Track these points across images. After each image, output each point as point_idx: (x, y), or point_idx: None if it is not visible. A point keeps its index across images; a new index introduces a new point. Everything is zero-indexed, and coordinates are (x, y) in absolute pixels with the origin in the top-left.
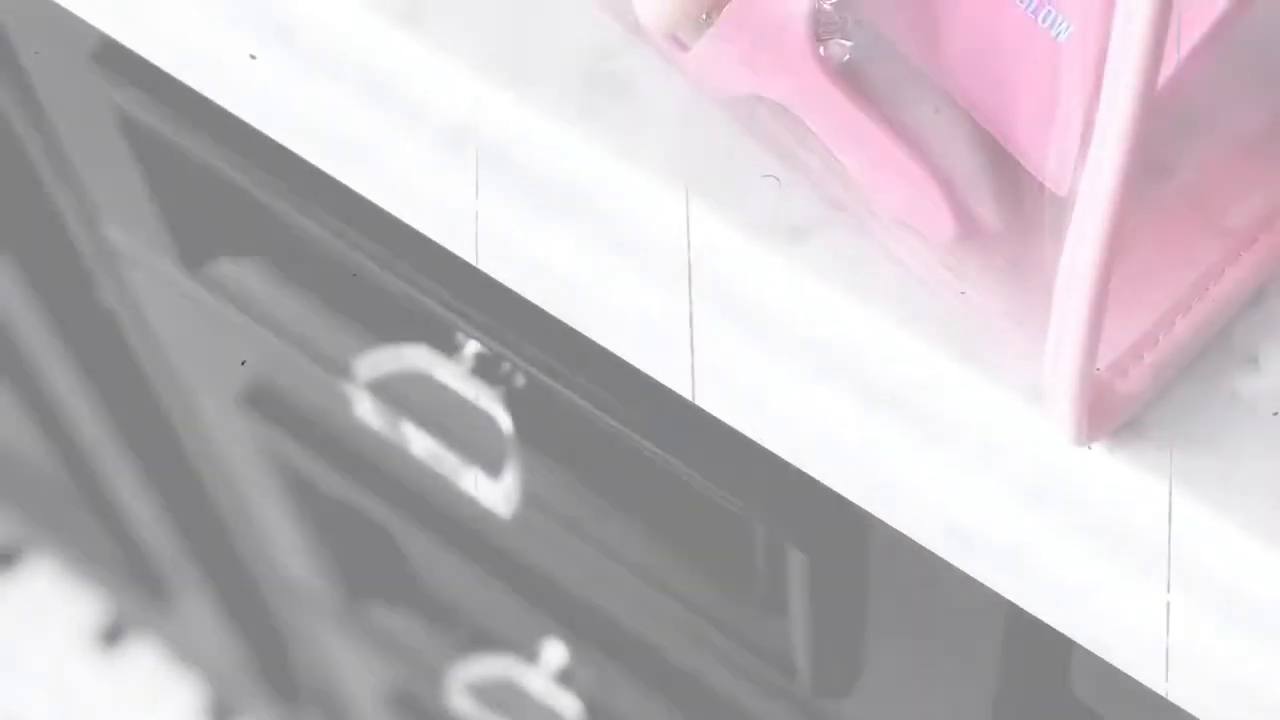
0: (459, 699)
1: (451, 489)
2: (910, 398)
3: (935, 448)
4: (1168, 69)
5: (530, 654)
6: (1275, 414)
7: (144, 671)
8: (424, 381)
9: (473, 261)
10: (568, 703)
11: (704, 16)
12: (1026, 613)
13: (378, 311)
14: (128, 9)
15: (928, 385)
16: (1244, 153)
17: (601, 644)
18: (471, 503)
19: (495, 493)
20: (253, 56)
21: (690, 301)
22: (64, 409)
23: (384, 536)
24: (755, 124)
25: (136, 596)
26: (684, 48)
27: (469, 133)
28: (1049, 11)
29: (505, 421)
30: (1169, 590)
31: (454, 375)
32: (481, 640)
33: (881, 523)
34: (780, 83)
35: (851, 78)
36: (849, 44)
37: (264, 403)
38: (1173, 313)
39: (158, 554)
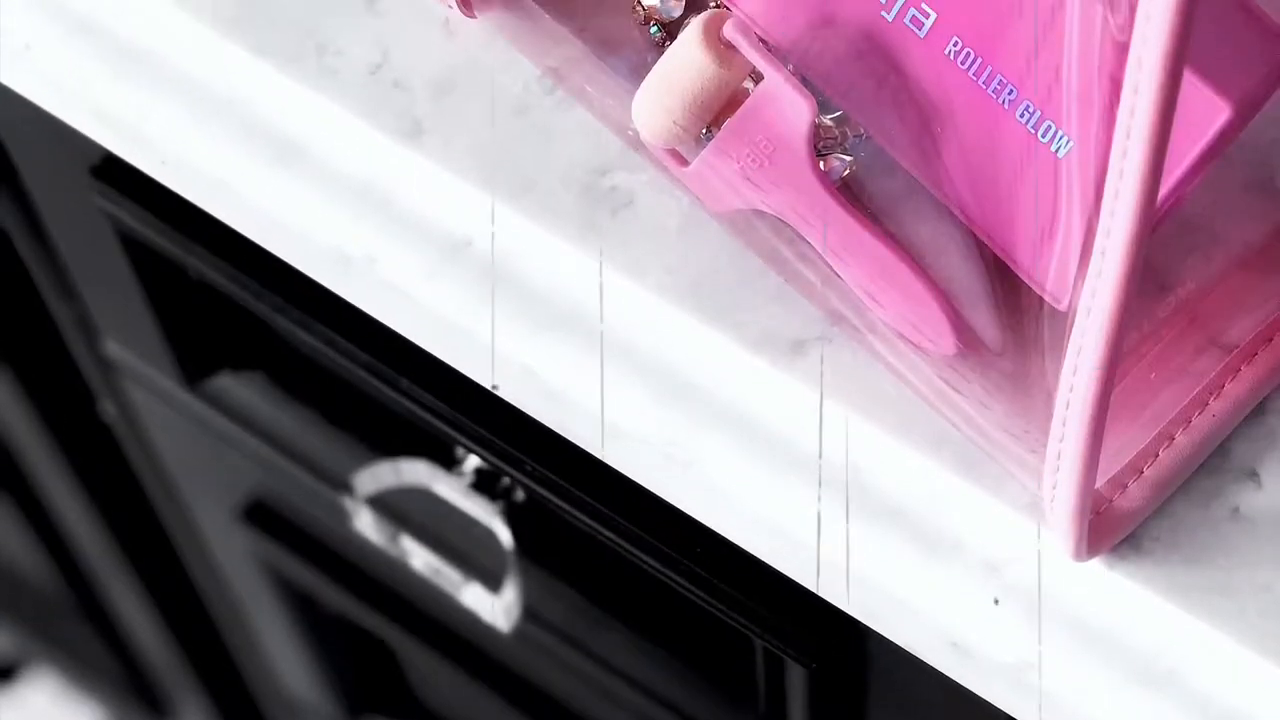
0: None
1: (451, 603)
2: (910, 512)
3: (935, 562)
4: (1167, 183)
5: None
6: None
7: None
8: (424, 496)
9: (474, 377)
10: None
11: (704, 131)
12: None
13: (377, 426)
14: (128, 125)
15: (927, 500)
16: (1244, 266)
17: None
18: (471, 617)
19: (495, 607)
20: (254, 170)
21: (689, 414)
22: (64, 523)
23: (383, 651)
24: (755, 238)
25: (136, 711)
26: (684, 162)
27: (469, 248)
28: (1049, 126)
29: (505, 536)
30: (1171, 705)
31: (454, 490)
32: None
33: (882, 637)
34: (780, 197)
35: (851, 192)
36: (849, 158)
37: (263, 517)
38: (1172, 427)
39: (157, 668)
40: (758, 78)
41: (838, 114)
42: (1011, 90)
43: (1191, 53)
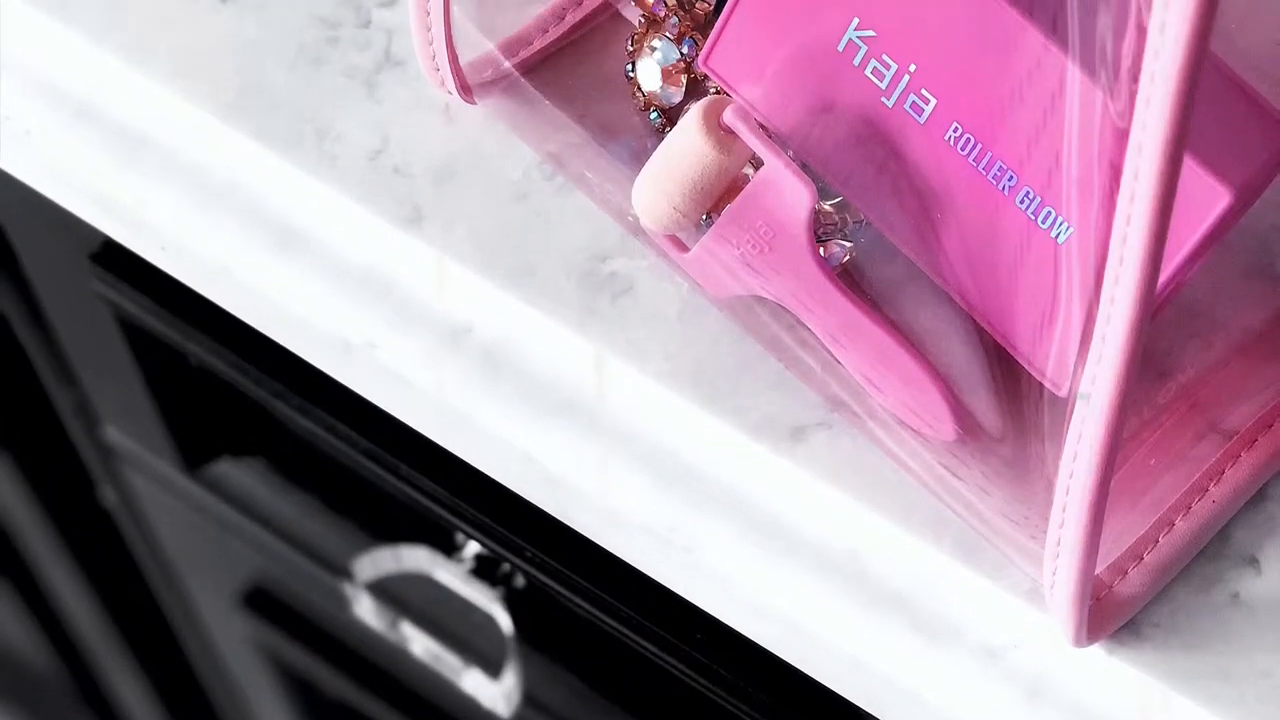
0: None
1: (451, 689)
2: (910, 598)
3: (936, 647)
4: (1167, 269)
5: None
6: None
7: None
8: (424, 582)
9: (474, 463)
10: None
11: (704, 217)
12: None
13: (377, 512)
14: (128, 211)
15: (927, 585)
16: (1244, 352)
17: None
18: (471, 703)
19: (495, 693)
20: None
21: (689, 500)
22: (64, 609)
23: None
24: (755, 324)
25: None
26: (684, 248)
27: (469, 334)
28: (1049, 212)
29: (505, 622)
30: None
31: (454, 576)
32: None
33: None
34: (780, 283)
35: (851, 278)
36: (849, 244)
37: (263, 603)
38: (1172, 513)
39: None
40: (758, 163)
41: (837, 200)
42: (1011, 176)
43: (1192, 138)
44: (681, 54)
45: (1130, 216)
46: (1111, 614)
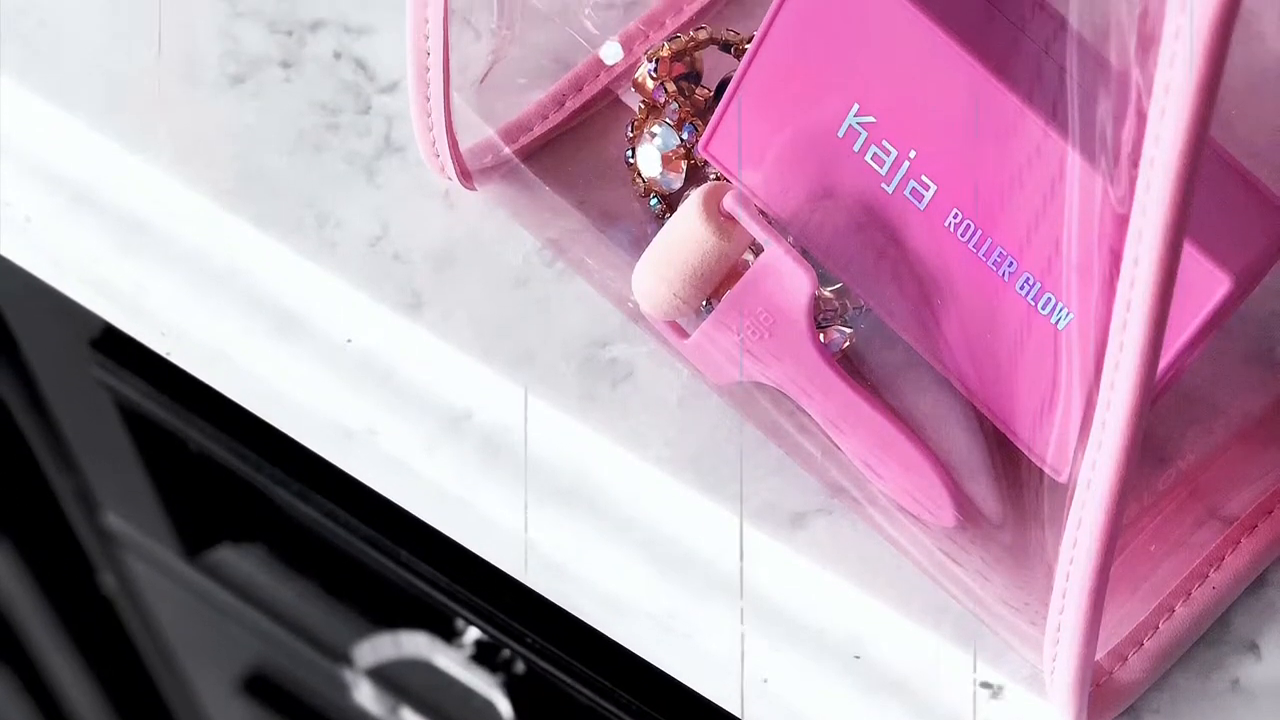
0: None
1: None
2: (910, 683)
3: None
4: (1167, 355)
5: None
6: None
7: None
8: (424, 668)
9: (474, 550)
10: None
11: (704, 303)
12: None
13: (377, 598)
14: (128, 297)
15: (927, 671)
16: (1244, 439)
17: None
18: None
19: None
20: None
21: (689, 587)
22: (64, 695)
23: None
24: (755, 410)
25: None
26: (684, 334)
27: (469, 420)
28: (1049, 298)
29: (505, 709)
30: None
31: (454, 662)
32: None
33: None
34: (780, 369)
35: (851, 364)
36: (849, 330)
37: (263, 688)
38: (1173, 599)
39: None
40: (758, 249)
41: (837, 286)
42: (1012, 262)
43: (1192, 224)
44: (681, 140)
45: (1130, 302)
46: (1112, 700)
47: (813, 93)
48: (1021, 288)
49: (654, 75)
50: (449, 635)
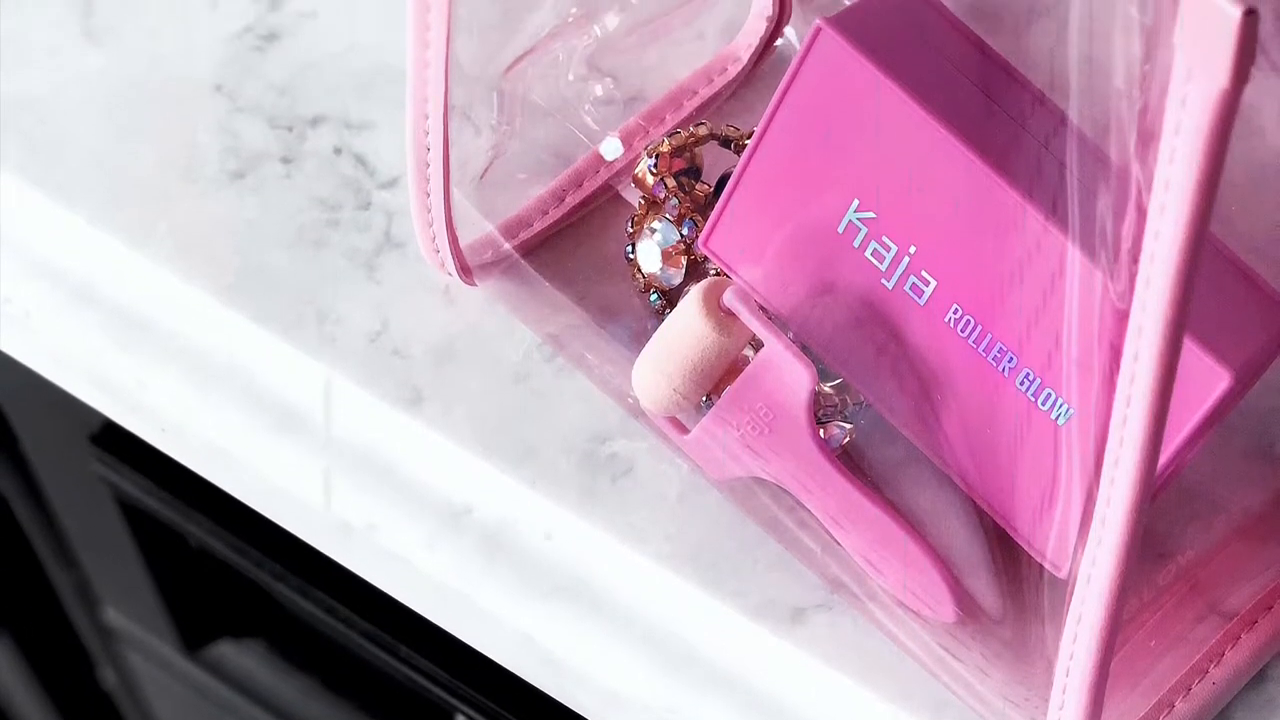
0: None
1: None
2: None
3: None
4: (1167, 450)
5: None
6: None
7: None
8: None
9: (474, 645)
10: None
11: (704, 399)
12: None
13: (377, 693)
14: (128, 392)
15: None
16: (1244, 534)
17: None
18: None
19: None
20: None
21: (689, 682)
22: None
23: None
24: (755, 505)
25: None
26: (684, 429)
27: (469, 515)
28: (1049, 394)
29: None
30: None
31: None
32: None
33: None
34: (780, 464)
35: (851, 459)
36: (849, 426)
37: None
38: (1173, 695)
39: None
40: (758, 345)
41: (837, 381)
42: (1011, 358)
43: (1192, 320)
44: (681, 235)
45: (1130, 398)
46: None
47: (813, 188)
48: (1021, 383)
49: (654, 170)
50: None
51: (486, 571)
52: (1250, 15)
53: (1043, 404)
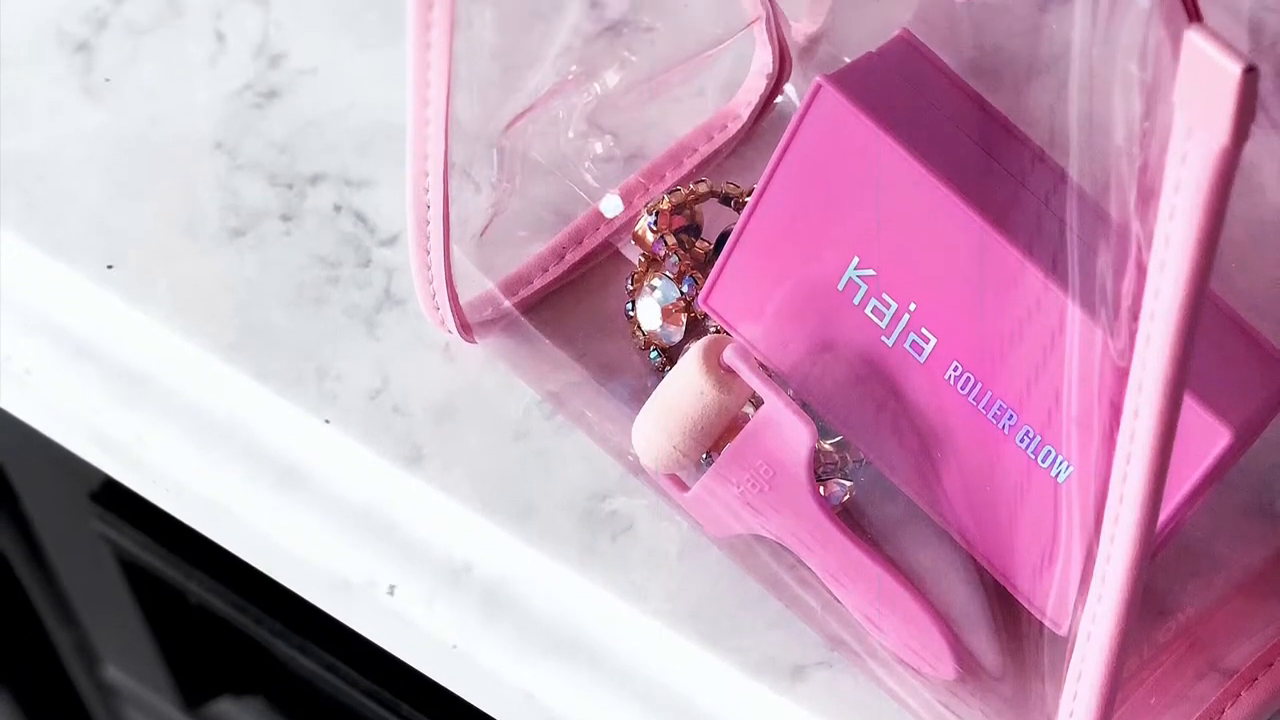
0: None
1: None
2: None
3: None
4: (1167, 508)
5: None
6: None
7: None
8: None
9: (474, 702)
10: None
11: (704, 456)
12: None
13: None
14: (128, 450)
15: None
16: (1244, 591)
17: None
18: None
19: None
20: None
21: None
22: None
23: None
24: (755, 563)
25: None
26: (684, 487)
27: (469, 573)
28: (1049, 451)
29: None
30: None
31: None
32: None
33: None
34: (780, 522)
35: (851, 517)
36: (849, 484)
37: None
38: None
39: None
40: (758, 402)
41: (837, 439)
42: (1011, 415)
43: (1191, 377)
44: (681, 293)
45: (1130, 455)
46: None
47: (813, 245)
48: (1022, 440)
49: (654, 228)
50: None
51: (487, 629)
52: (1250, 72)
53: (1043, 461)
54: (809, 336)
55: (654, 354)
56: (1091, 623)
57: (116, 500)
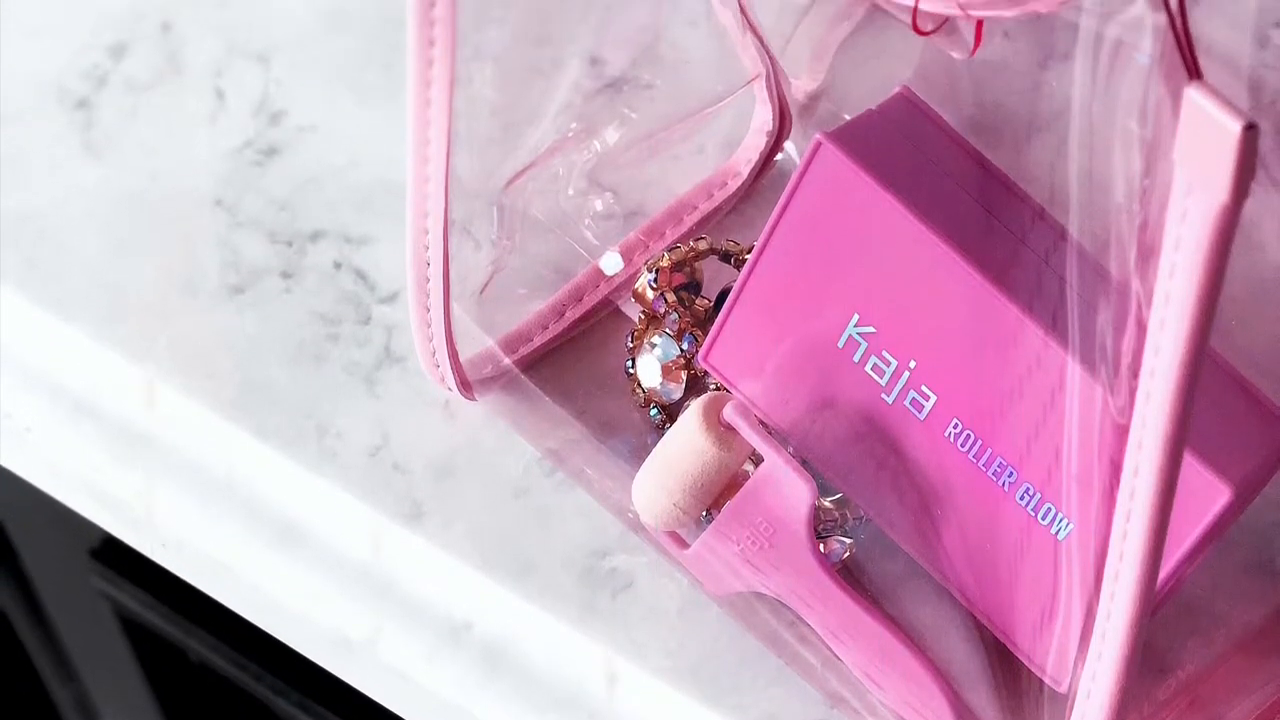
0: None
1: None
2: None
3: None
4: (1167, 565)
5: None
6: None
7: None
8: None
9: None
10: None
11: (704, 514)
12: None
13: None
14: (128, 507)
15: None
16: (1244, 648)
17: None
18: None
19: None
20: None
21: None
22: None
23: None
24: (755, 620)
25: None
26: (684, 544)
27: (470, 631)
28: (1049, 509)
29: None
30: None
31: None
32: None
33: None
34: (780, 579)
35: (851, 574)
36: (849, 541)
37: None
38: None
39: None
40: (758, 459)
41: (838, 496)
42: (1011, 472)
43: (1191, 434)
44: (681, 350)
45: (1130, 513)
46: None
47: (813, 303)
48: (1022, 498)
49: (654, 285)
50: None
51: (487, 686)
52: (1250, 130)
53: (1043, 519)
54: (809, 394)
55: (654, 411)
56: (1091, 680)
57: (116, 557)
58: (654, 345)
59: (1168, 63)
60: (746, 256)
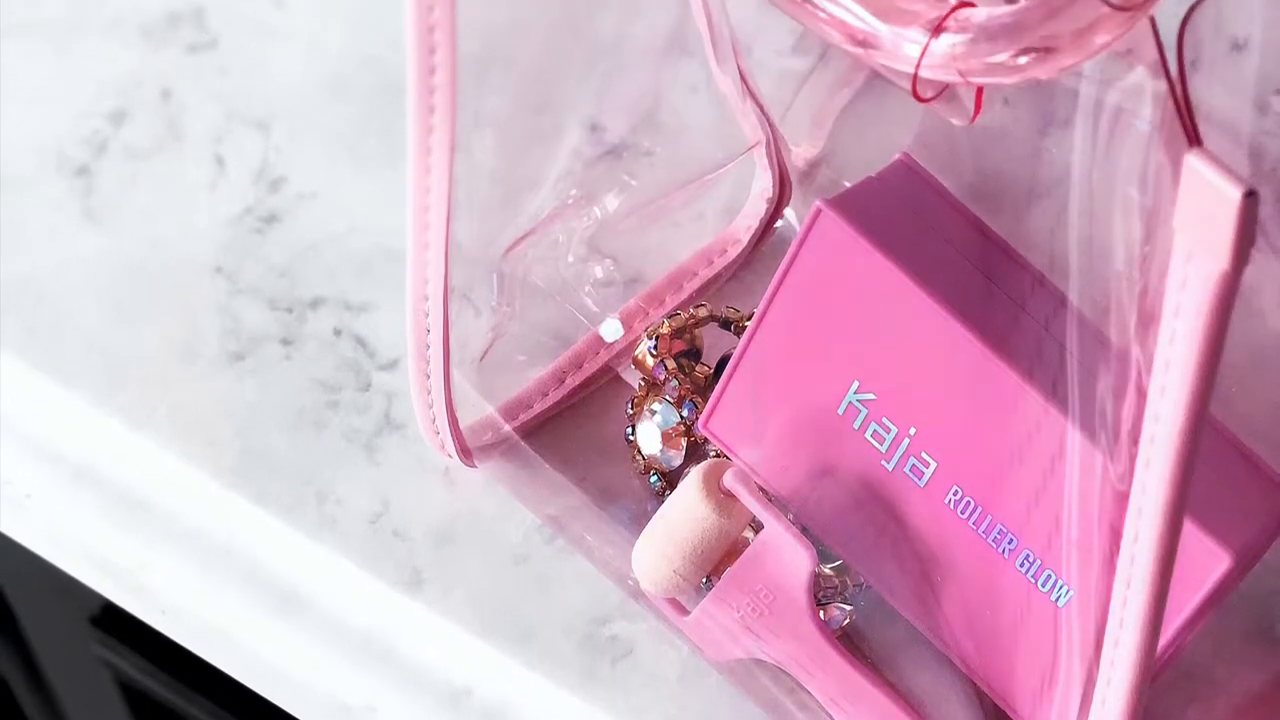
0: None
1: None
2: None
3: None
4: (1167, 632)
5: None
6: None
7: None
8: None
9: None
10: None
11: (704, 580)
12: None
13: None
14: (128, 574)
15: None
16: (1244, 716)
17: None
18: None
19: None
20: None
21: None
22: None
23: None
24: (755, 687)
25: None
26: (684, 611)
27: (470, 697)
28: (1049, 575)
29: None
30: None
31: None
32: None
33: None
34: (780, 646)
35: (852, 641)
36: (849, 608)
37: None
38: None
39: None
40: (758, 526)
41: (838, 563)
42: (1012, 539)
43: (1191, 501)
44: (681, 417)
45: (1130, 579)
46: None
47: (813, 370)
48: (1022, 565)
49: (654, 352)
50: None
51: None
52: (1251, 197)
53: (1043, 585)
54: (809, 461)
55: (654, 478)
56: None
57: (117, 624)
58: (654, 412)
59: (1168, 129)
60: (746, 323)
